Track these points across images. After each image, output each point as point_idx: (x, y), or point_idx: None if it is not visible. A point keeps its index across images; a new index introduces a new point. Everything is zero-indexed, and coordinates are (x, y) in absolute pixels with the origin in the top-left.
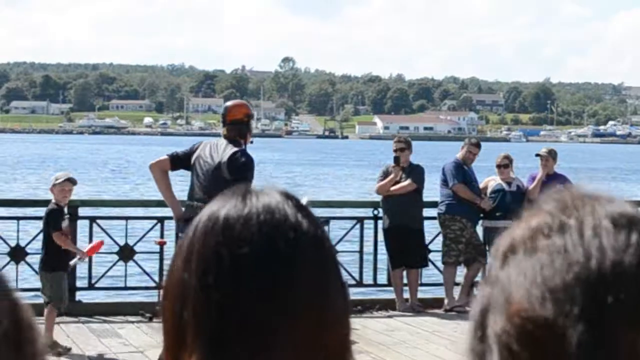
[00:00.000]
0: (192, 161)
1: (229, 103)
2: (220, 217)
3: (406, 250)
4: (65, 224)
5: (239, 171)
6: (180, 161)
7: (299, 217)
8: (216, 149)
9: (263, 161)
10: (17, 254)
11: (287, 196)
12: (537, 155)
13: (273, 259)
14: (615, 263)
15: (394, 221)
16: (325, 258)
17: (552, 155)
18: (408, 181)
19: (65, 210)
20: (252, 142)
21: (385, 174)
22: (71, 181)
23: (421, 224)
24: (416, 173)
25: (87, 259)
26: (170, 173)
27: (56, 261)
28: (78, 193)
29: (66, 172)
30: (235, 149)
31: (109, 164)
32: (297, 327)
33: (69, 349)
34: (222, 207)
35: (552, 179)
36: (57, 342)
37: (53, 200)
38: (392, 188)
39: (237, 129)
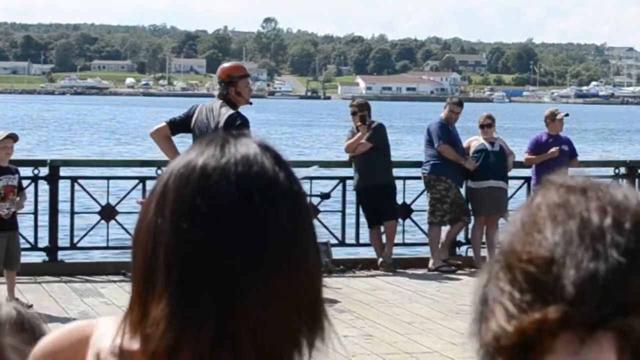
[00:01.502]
0: (192, 126)
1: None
2: (198, 166)
3: (378, 207)
4: (1, 183)
5: None
6: (178, 126)
7: (276, 170)
8: (211, 113)
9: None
10: None
11: (266, 148)
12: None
13: (248, 212)
14: (615, 218)
15: (362, 181)
16: (300, 213)
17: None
18: (363, 139)
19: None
20: (250, 104)
21: (353, 134)
22: (12, 138)
23: (389, 180)
24: (373, 131)
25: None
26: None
27: None
28: (62, 153)
29: (5, 131)
30: (231, 111)
31: (102, 126)
32: (268, 281)
33: (31, 306)
34: (199, 155)
35: (555, 140)
36: (18, 300)
37: None
38: (347, 145)
39: (222, 88)
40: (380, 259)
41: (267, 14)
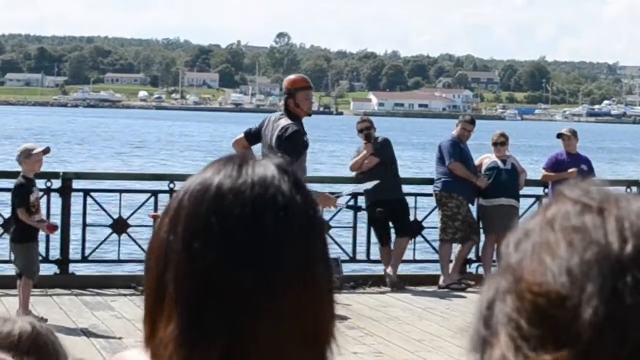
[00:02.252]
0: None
1: None
2: (214, 185)
3: (387, 223)
4: (35, 195)
5: (284, 147)
6: (253, 137)
7: (293, 193)
8: (271, 125)
9: None
10: None
11: (284, 170)
12: (559, 135)
13: (262, 234)
14: (636, 247)
15: (370, 198)
16: (315, 240)
17: (574, 134)
18: (370, 156)
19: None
20: (309, 116)
21: (359, 153)
22: (45, 152)
23: (398, 195)
24: (379, 146)
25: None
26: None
27: (26, 233)
28: (76, 166)
29: (34, 144)
30: (284, 124)
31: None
32: (279, 303)
33: (46, 320)
34: (216, 174)
35: (574, 159)
36: (31, 313)
37: (22, 173)
38: (353, 163)
39: (284, 100)
40: (388, 277)
41: (280, 30)
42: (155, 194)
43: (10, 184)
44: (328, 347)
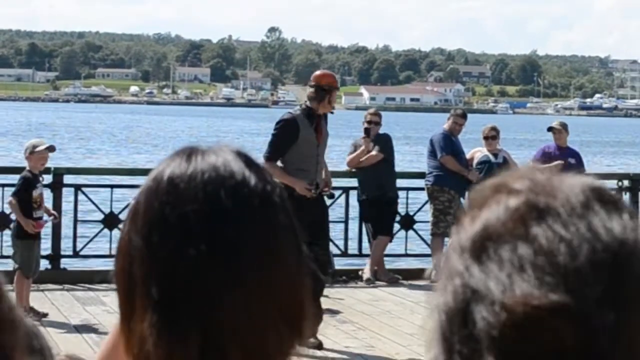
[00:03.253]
0: None
1: None
2: (164, 177)
3: (379, 219)
4: (38, 191)
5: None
6: None
7: (247, 174)
8: None
9: (248, 131)
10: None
11: (238, 154)
12: (549, 129)
13: (218, 218)
14: (622, 242)
15: (369, 193)
16: (275, 216)
17: (564, 127)
18: (375, 151)
19: (41, 177)
20: (332, 112)
21: (355, 147)
22: (50, 149)
23: (395, 192)
24: (383, 142)
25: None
26: None
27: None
28: (68, 160)
29: (40, 140)
30: (287, 114)
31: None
32: (245, 288)
33: (46, 315)
34: (166, 167)
35: (564, 152)
36: (33, 308)
37: (27, 168)
38: (361, 159)
39: (316, 92)
40: (365, 274)
41: (271, 24)
42: None
43: (13, 179)
44: (305, 321)
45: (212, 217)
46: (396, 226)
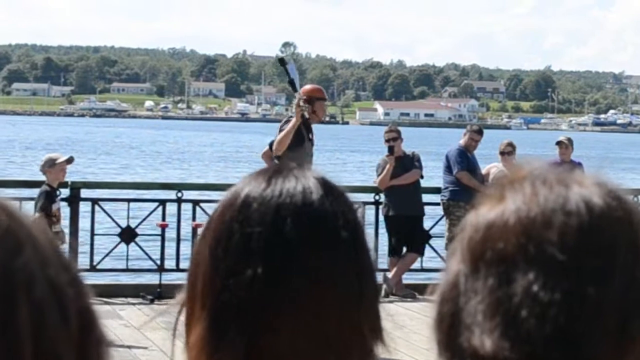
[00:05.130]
0: None
1: None
2: (242, 194)
3: (410, 237)
4: (57, 205)
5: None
6: None
7: (321, 203)
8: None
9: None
10: None
11: (320, 181)
12: (557, 142)
13: (278, 242)
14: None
15: (399, 210)
16: (338, 247)
17: (570, 143)
18: (412, 171)
19: (58, 191)
20: (322, 121)
21: (383, 167)
22: (69, 161)
23: (422, 211)
24: (417, 161)
25: None
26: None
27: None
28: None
29: (58, 153)
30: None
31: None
32: (294, 315)
33: None
34: (247, 184)
35: (567, 167)
36: None
37: (46, 182)
38: (398, 181)
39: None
40: (384, 285)
41: (286, 39)
42: (162, 202)
43: (32, 193)
44: (357, 352)
45: (273, 241)
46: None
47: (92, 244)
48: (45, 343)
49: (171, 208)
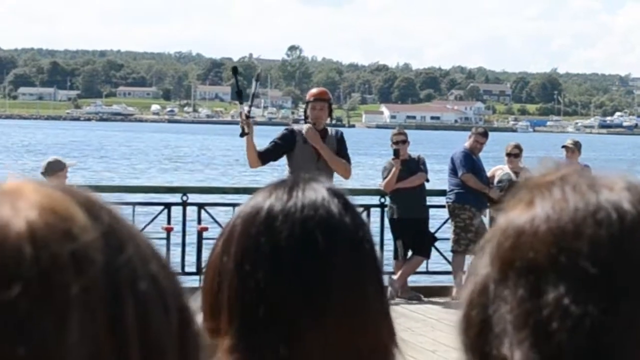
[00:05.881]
0: None
1: None
2: (264, 208)
3: (415, 239)
4: None
5: None
6: None
7: (342, 215)
8: None
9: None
10: None
11: (334, 193)
12: (563, 146)
13: (310, 256)
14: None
15: (404, 214)
16: (363, 261)
17: (577, 146)
18: (418, 174)
19: None
20: (313, 124)
21: (389, 171)
22: (70, 165)
23: (428, 213)
24: (423, 164)
25: None
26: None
27: None
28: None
29: (57, 157)
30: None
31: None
32: (327, 326)
33: None
34: (267, 197)
35: None
36: None
37: None
38: (404, 184)
39: None
40: (390, 288)
41: (292, 42)
42: (168, 206)
43: None
44: None
45: (303, 254)
46: None
47: None
48: (150, 336)
49: (176, 211)
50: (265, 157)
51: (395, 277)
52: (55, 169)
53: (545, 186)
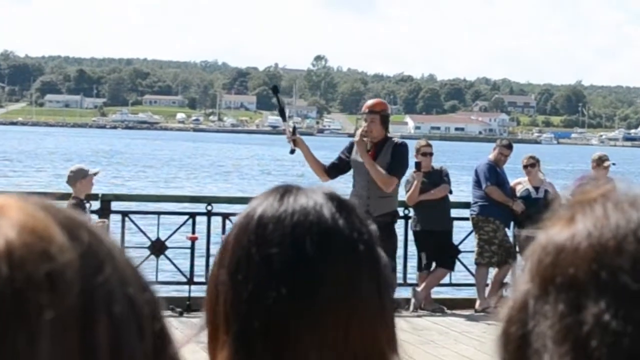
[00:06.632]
0: None
1: None
2: (255, 216)
3: (439, 252)
4: (85, 217)
5: None
6: None
7: (335, 219)
8: None
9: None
10: None
11: (330, 197)
12: (596, 161)
13: (300, 262)
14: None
15: (427, 226)
16: (358, 263)
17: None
18: (441, 186)
19: (88, 203)
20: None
21: (411, 184)
22: (95, 173)
23: (451, 226)
24: (446, 176)
25: None
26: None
27: None
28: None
29: (84, 165)
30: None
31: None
32: (322, 330)
33: None
34: (259, 205)
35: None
36: None
37: (73, 194)
38: (427, 196)
39: None
40: (413, 300)
41: (317, 52)
42: (192, 215)
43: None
44: None
45: (295, 261)
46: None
47: None
48: (122, 359)
49: (201, 221)
50: (332, 171)
51: (419, 288)
52: (78, 177)
53: (586, 203)
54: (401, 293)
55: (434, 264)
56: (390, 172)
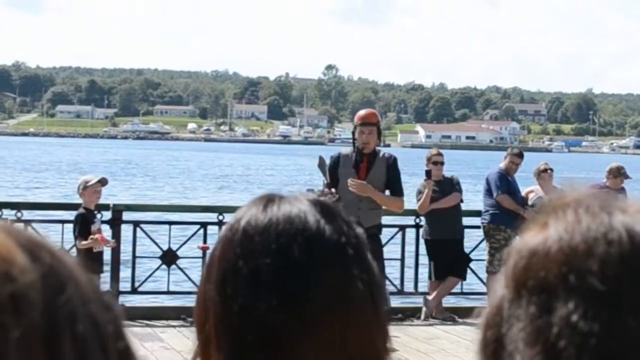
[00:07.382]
0: None
1: None
2: (240, 227)
3: (450, 260)
4: (96, 225)
5: None
6: None
7: (321, 225)
8: None
9: (306, 168)
10: None
11: (314, 203)
12: (610, 171)
13: (288, 271)
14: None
15: (439, 234)
16: (347, 268)
17: (621, 173)
18: (453, 195)
19: (100, 213)
20: (360, 148)
21: (420, 192)
22: (102, 182)
23: (462, 234)
24: (457, 184)
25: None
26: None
27: (87, 265)
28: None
29: (91, 175)
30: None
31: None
32: (317, 336)
33: None
34: (243, 216)
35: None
36: None
37: (82, 205)
38: (438, 205)
39: None
40: (424, 308)
41: (328, 61)
42: (204, 225)
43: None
44: None
45: (283, 270)
46: None
47: (133, 267)
48: None
49: (213, 231)
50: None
51: (430, 297)
52: (81, 188)
53: (559, 208)
54: (412, 302)
55: (445, 273)
56: (396, 193)
